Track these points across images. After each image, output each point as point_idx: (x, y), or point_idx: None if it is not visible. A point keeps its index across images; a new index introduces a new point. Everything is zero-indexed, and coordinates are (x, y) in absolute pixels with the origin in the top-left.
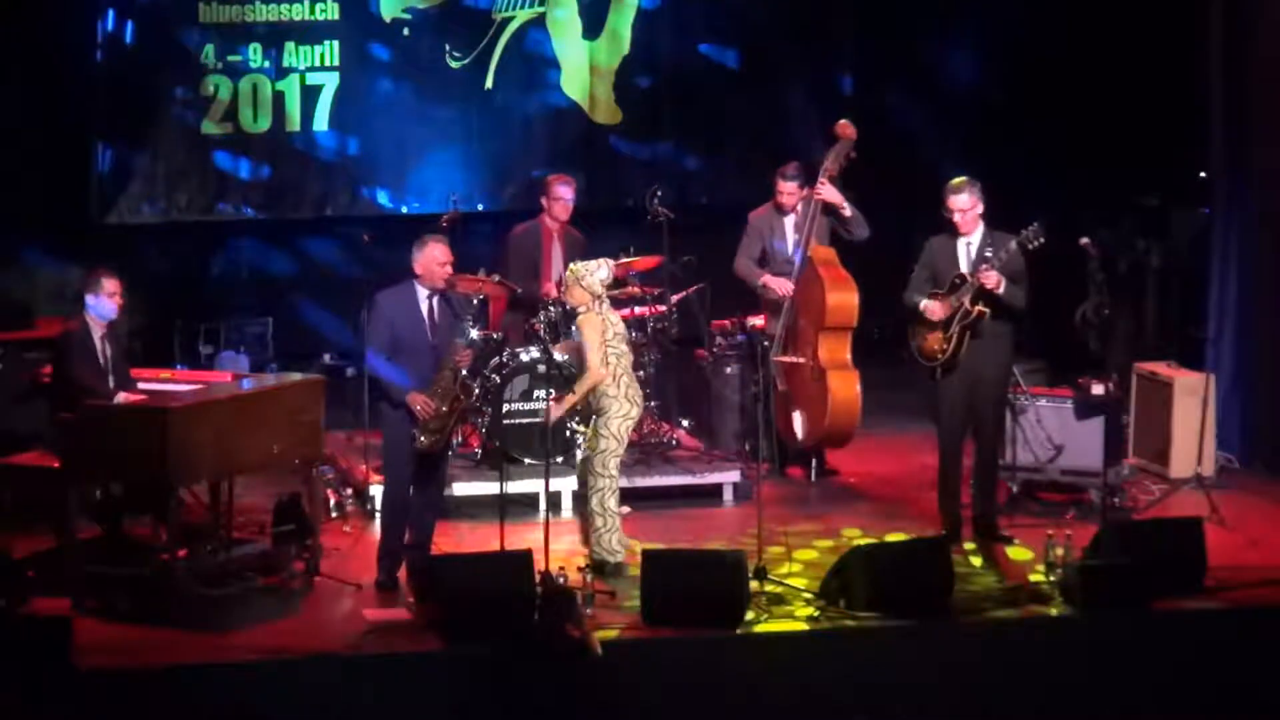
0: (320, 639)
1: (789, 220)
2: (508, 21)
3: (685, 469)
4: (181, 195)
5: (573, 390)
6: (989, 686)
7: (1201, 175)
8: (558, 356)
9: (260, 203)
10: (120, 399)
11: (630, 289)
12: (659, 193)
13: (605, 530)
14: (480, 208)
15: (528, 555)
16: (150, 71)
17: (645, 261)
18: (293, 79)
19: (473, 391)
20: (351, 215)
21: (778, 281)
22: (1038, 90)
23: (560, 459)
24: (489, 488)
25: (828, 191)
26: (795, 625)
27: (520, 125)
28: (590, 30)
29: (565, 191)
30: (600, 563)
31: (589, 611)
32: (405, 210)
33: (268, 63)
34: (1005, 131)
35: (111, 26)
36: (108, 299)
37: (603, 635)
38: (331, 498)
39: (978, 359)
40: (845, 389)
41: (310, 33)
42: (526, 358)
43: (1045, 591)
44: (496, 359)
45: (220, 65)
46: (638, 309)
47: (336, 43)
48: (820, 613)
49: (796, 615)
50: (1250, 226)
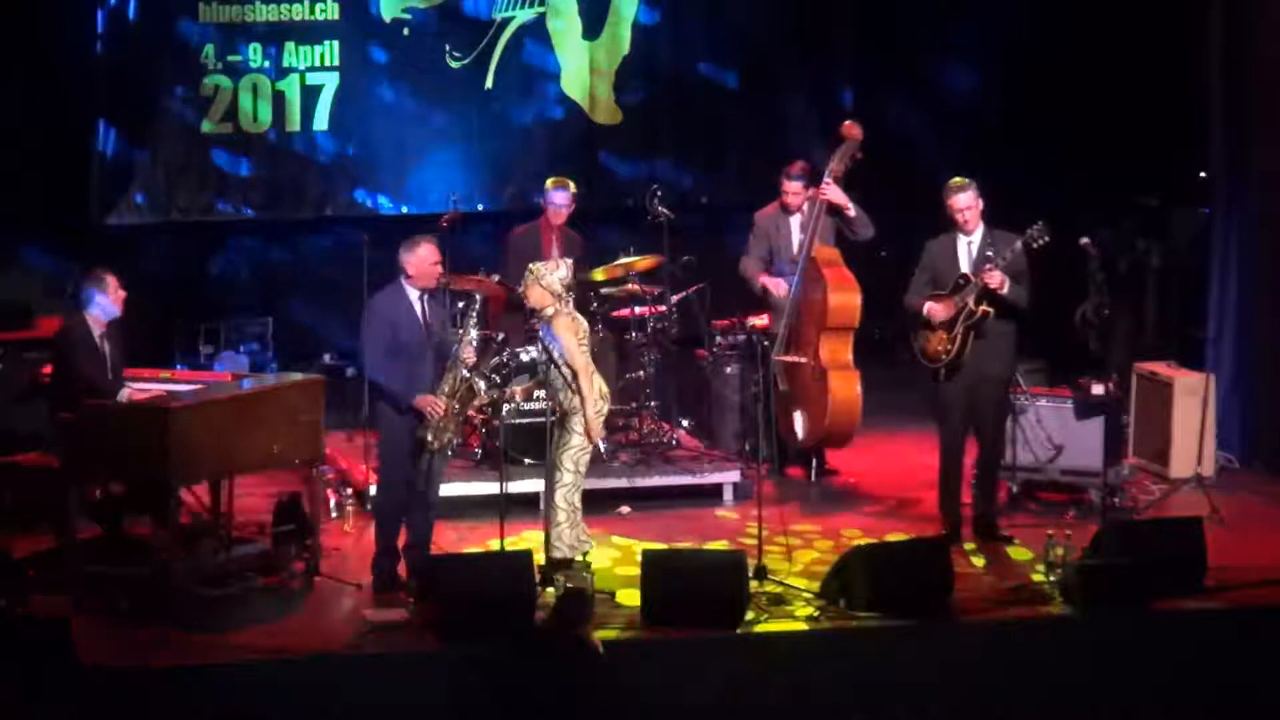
0: (320, 639)
1: (794, 220)
2: (508, 22)
3: (685, 469)
4: (181, 195)
5: (580, 394)
6: (989, 686)
7: (1201, 175)
8: (517, 398)
9: (260, 203)
10: (124, 396)
11: (630, 288)
12: (659, 193)
13: (568, 525)
14: (480, 208)
15: (528, 555)
16: (150, 66)
17: (645, 261)
18: (293, 79)
19: (480, 389)
20: (351, 215)
21: (774, 282)
22: (1037, 92)
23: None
24: (489, 488)
25: (833, 192)
26: (795, 625)
27: (520, 125)
28: (590, 30)
29: (558, 197)
30: (559, 560)
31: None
32: (405, 210)
33: (268, 62)
34: (1005, 134)
35: (107, 24)
36: (115, 294)
37: (603, 635)
38: (331, 498)
39: (981, 359)
40: (846, 389)
41: (310, 33)
42: (526, 358)
43: (1045, 591)
44: (496, 359)
45: (220, 65)
46: (638, 309)
47: (336, 43)
48: (820, 613)
49: (796, 615)
50: (1250, 226)
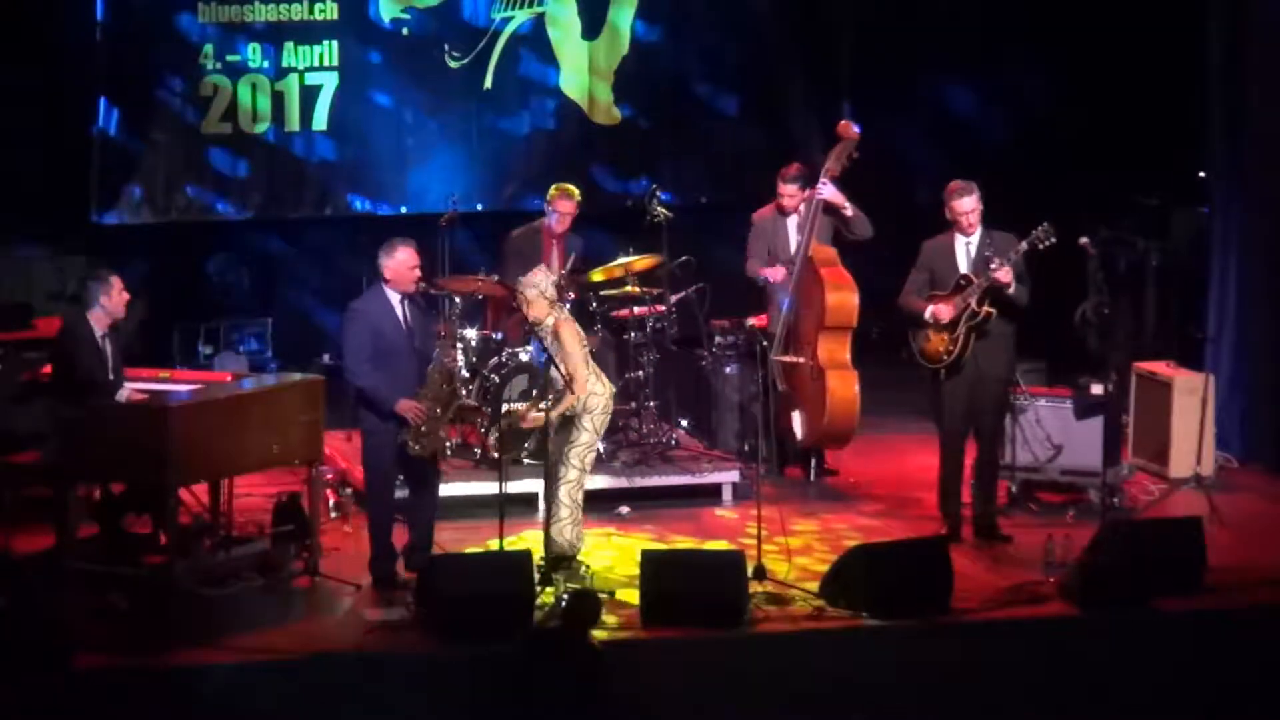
0: (320, 639)
1: (791, 221)
2: (507, 22)
3: (685, 469)
4: (181, 196)
5: (556, 402)
6: (989, 686)
7: (1200, 175)
8: (524, 422)
9: (260, 203)
10: (124, 396)
11: (629, 289)
12: (658, 193)
13: (570, 522)
14: (479, 208)
15: (527, 555)
16: (149, 58)
17: (644, 261)
18: (292, 79)
19: (461, 392)
20: (350, 215)
21: (772, 271)
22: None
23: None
24: (488, 488)
25: (829, 192)
26: (794, 626)
27: (519, 125)
28: (589, 31)
29: (563, 206)
30: (558, 556)
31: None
32: (404, 210)
33: (266, 62)
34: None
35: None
36: (118, 296)
37: (601, 635)
38: (331, 497)
39: (982, 359)
40: (844, 389)
41: (309, 32)
42: (525, 357)
43: (1045, 592)
44: (495, 359)
45: (219, 65)
46: (637, 309)
47: (335, 43)
48: (819, 613)
49: (795, 615)
50: (1249, 226)
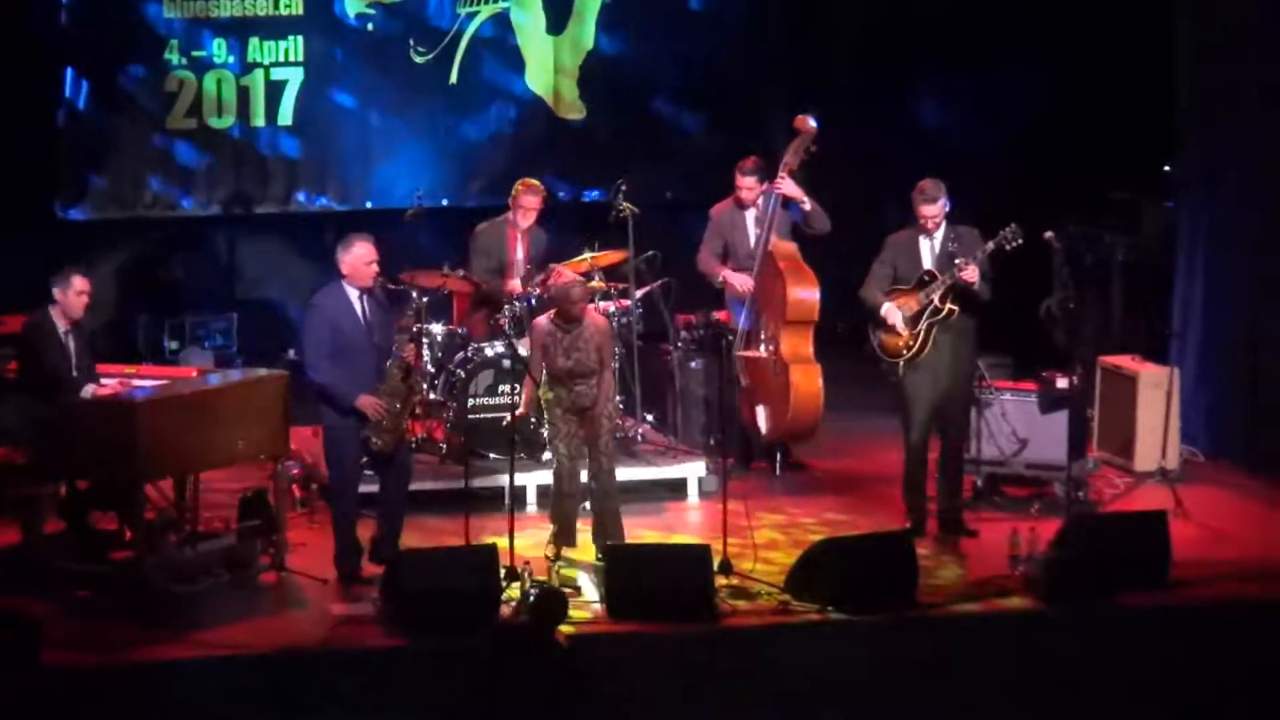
0: (287, 634)
1: (750, 215)
2: (471, 18)
3: (650, 463)
4: (146, 190)
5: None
6: (954, 680)
7: (1165, 169)
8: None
9: (225, 198)
10: (88, 392)
11: (594, 284)
12: (624, 188)
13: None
14: (445, 202)
15: (492, 549)
16: (113, 46)
17: (610, 256)
18: (257, 74)
19: (421, 386)
20: (315, 210)
21: (738, 277)
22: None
23: (525, 454)
24: (454, 483)
25: (787, 186)
26: (760, 620)
27: (485, 121)
28: (554, 26)
29: (528, 200)
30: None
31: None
32: (370, 205)
33: (232, 58)
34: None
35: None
36: (75, 297)
37: (567, 631)
38: (297, 492)
39: (944, 354)
40: (808, 383)
41: (275, 28)
42: (491, 352)
43: (1010, 586)
44: (461, 354)
45: (184, 61)
46: (602, 304)
47: (301, 38)
48: (785, 607)
49: (762, 610)
50: (1216, 221)
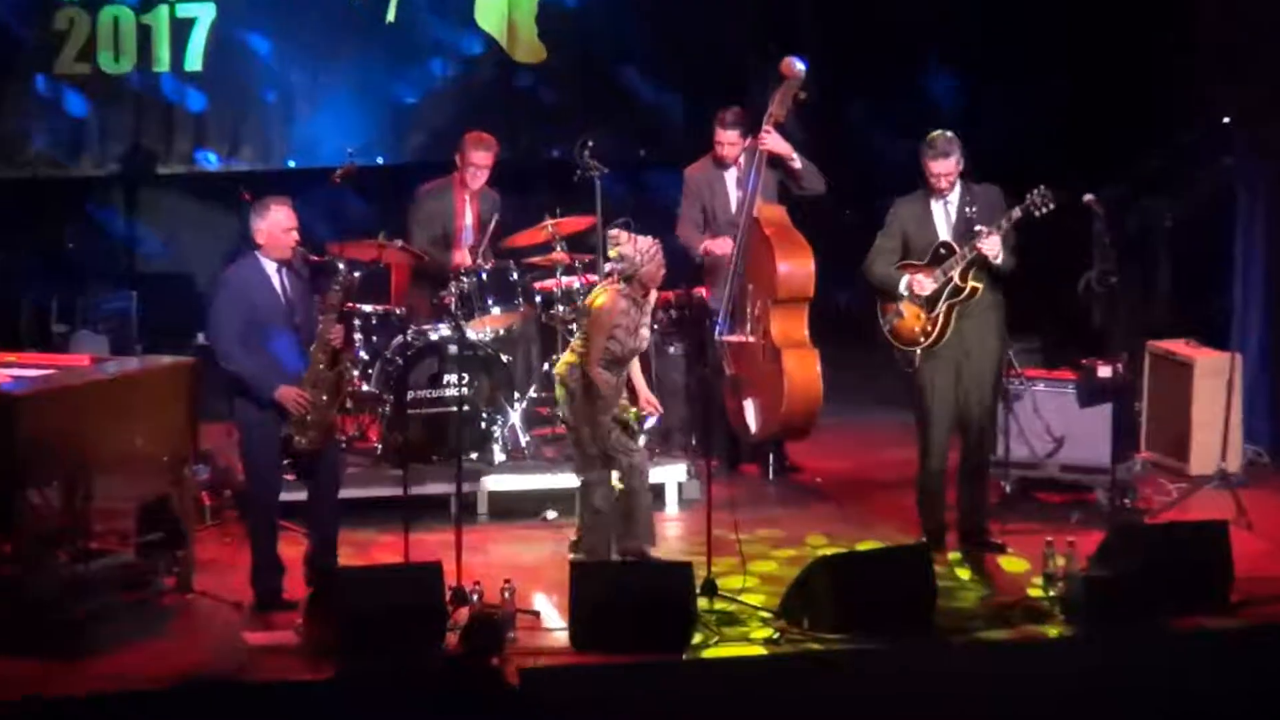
0: (193, 665)
1: (730, 175)
2: None
3: None
4: (29, 148)
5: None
6: (977, 718)
7: (1225, 121)
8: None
9: (122, 156)
10: None
11: (556, 255)
12: (590, 144)
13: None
14: (380, 161)
15: (437, 568)
16: None
17: (574, 223)
18: (160, 11)
19: (352, 374)
20: (230, 171)
21: (717, 243)
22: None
23: (474, 455)
24: (391, 490)
25: (773, 141)
26: (751, 649)
27: (428, 65)
28: None
29: (477, 157)
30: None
31: (511, 635)
32: (292, 165)
33: None
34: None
35: None
36: None
37: (523, 664)
38: (206, 501)
39: (966, 339)
40: (803, 370)
41: None
42: (435, 337)
43: (1043, 607)
44: (400, 339)
45: None
46: (564, 278)
47: None
48: (780, 634)
49: (752, 638)
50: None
